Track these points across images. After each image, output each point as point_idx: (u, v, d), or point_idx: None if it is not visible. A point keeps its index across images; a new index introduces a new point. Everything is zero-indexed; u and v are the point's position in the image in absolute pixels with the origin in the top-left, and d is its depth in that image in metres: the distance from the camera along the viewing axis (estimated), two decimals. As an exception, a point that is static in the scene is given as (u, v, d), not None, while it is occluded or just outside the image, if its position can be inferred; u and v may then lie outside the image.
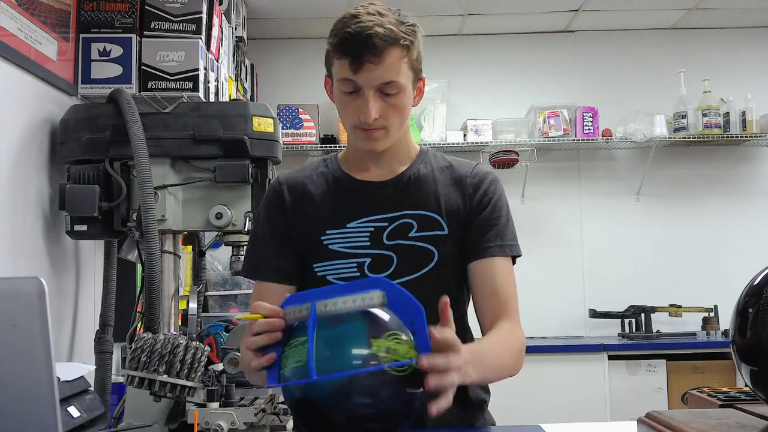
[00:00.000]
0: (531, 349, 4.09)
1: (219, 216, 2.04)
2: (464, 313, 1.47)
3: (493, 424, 1.49)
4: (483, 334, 1.41)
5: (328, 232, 1.41)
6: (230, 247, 2.20)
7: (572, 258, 4.38)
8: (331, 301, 1.09)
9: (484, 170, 1.48)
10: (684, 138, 4.20)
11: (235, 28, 3.40)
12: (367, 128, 1.35)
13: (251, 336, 1.15)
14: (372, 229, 1.40)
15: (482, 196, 1.44)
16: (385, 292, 1.10)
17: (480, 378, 1.25)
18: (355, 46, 1.29)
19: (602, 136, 4.22)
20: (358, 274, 1.39)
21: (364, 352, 1.07)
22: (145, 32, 2.31)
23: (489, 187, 1.45)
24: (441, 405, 1.07)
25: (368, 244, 1.40)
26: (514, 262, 1.46)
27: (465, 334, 1.46)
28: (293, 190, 1.46)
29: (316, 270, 1.42)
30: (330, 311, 1.09)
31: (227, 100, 2.93)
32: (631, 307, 4.16)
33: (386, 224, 1.40)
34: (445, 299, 1.13)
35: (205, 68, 2.40)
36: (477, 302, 1.44)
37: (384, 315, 1.11)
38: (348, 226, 1.41)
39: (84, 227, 2.05)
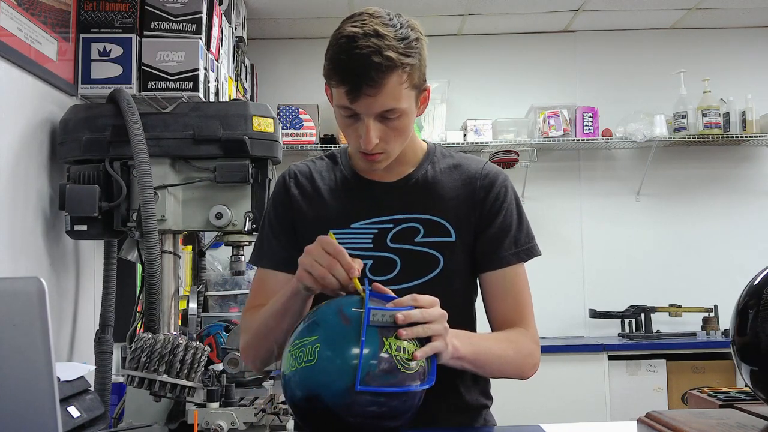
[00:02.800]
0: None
1: (219, 216, 2.04)
2: (471, 319, 1.44)
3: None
4: None
5: (332, 231, 1.39)
6: (230, 247, 2.20)
7: (572, 258, 4.38)
8: (380, 312, 1.11)
9: (494, 171, 1.43)
10: (684, 138, 4.21)
11: (235, 28, 3.40)
12: (368, 153, 1.31)
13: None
14: (376, 230, 1.38)
15: (493, 200, 1.39)
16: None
17: (473, 358, 1.23)
18: (350, 76, 1.22)
19: (602, 136, 4.22)
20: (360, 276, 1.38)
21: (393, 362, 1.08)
22: (145, 32, 2.31)
23: (500, 189, 1.40)
24: (425, 350, 1.10)
25: (371, 246, 1.37)
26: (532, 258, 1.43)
27: None
28: (301, 184, 1.44)
29: None
30: (378, 321, 1.10)
31: (227, 100, 2.93)
32: (631, 307, 4.16)
33: (391, 226, 1.37)
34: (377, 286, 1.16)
35: (205, 68, 2.40)
36: (490, 311, 1.41)
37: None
38: (353, 226, 1.39)
39: (84, 227, 2.04)
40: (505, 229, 1.39)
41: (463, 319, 1.36)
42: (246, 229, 2.05)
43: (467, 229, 1.38)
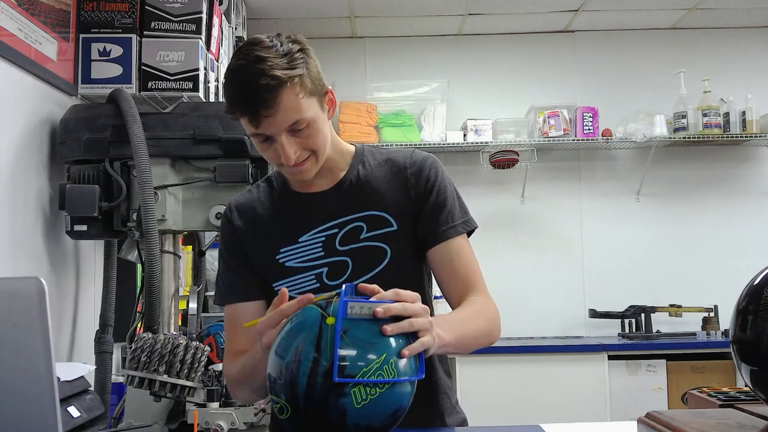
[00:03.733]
0: (531, 349, 4.11)
1: (219, 216, 2.04)
2: (428, 302, 1.47)
3: (464, 419, 1.49)
4: None
5: (281, 249, 1.43)
6: (230, 247, 2.20)
7: (572, 258, 4.38)
8: (358, 305, 1.09)
9: (421, 156, 1.48)
10: (684, 138, 4.20)
11: (235, 28, 3.40)
12: (294, 165, 1.35)
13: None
14: (324, 238, 1.42)
15: (424, 182, 1.44)
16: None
17: (456, 342, 1.25)
18: (245, 104, 1.28)
19: (602, 136, 4.22)
20: (318, 285, 1.40)
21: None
22: (145, 32, 2.31)
23: (429, 172, 1.45)
24: (413, 347, 1.09)
25: (322, 253, 1.42)
26: (469, 235, 1.47)
27: None
28: (243, 215, 1.49)
29: (275, 287, 1.43)
30: (356, 314, 1.09)
31: (227, 100, 2.92)
32: (631, 307, 4.16)
33: (337, 230, 1.42)
34: (370, 287, 1.16)
35: (205, 68, 2.40)
36: (442, 287, 1.46)
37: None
38: (300, 240, 1.43)
39: (84, 227, 2.05)
40: (440, 206, 1.44)
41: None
42: (246, 229, 2.05)
43: (406, 216, 1.43)
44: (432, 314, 1.35)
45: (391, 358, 1.07)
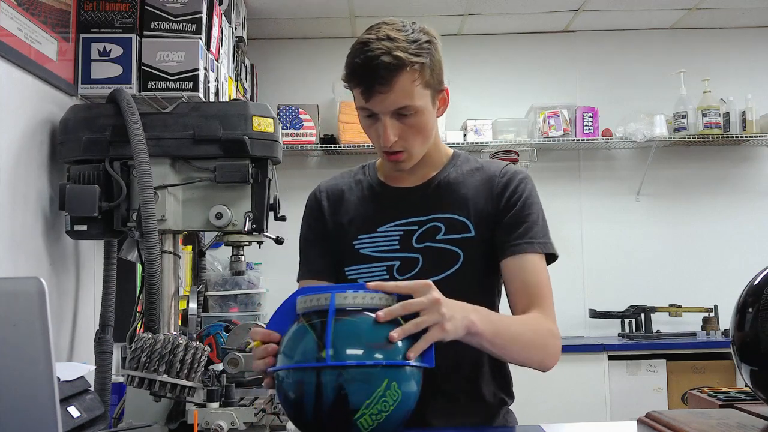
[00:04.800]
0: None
1: (219, 216, 2.04)
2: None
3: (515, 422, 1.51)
4: None
5: (360, 237, 1.46)
6: (230, 247, 2.20)
7: (572, 258, 4.38)
8: (351, 294, 1.08)
9: (514, 169, 1.49)
10: (684, 138, 4.21)
11: (235, 28, 3.40)
12: (390, 152, 1.38)
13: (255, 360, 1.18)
14: (402, 232, 1.44)
15: (511, 194, 1.44)
16: (396, 297, 1.12)
17: (491, 336, 1.22)
18: (363, 77, 1.32)
19: (602, 136, 4.22)
20: (387, 276, 1.42)
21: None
22: (145, 32, 2.30)
23: (518, 185, 1.45)
24: (417, 347, 1.07)
25: (398, 247, 1.43)
26: (550, 262, 1.44)
27: None
28: (331, 198, 1.53)
29: (347, 273, 1.46)
30: (348, 304, 1.08)
31: (227, 100, 2.93)
32: (631, 307, 4.16)
33: (416, 228, 1.43)
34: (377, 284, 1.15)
35: (205, 68, 2.40)
36: (509, 299, 1.43)
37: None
38: (379, 230, 1.45)
39: (84, 227, 2.04)
40: (522, 219, 1.42)
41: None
42: (246, 229, 2.05)
43: (486, 224, 1.43)
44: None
45: (393, 381, 1.04)
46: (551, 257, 1.44)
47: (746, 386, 1.10)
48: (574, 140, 4.20)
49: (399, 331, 1.06)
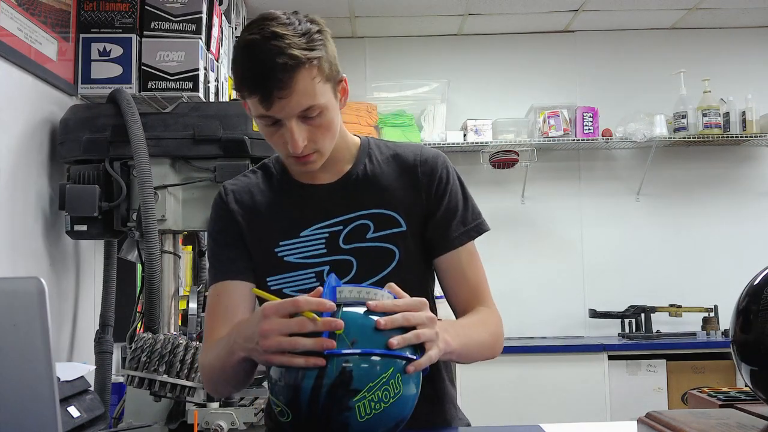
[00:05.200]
0: (531, 349, 4.11)
1: (219, 216, 2.04)
2: (431, 304, 1.41)
3: (468, 423, 1.47)
4: None
5: (281, 243, 1.35)
6: (230, 247, 2.20)
7: (572, 258, 4.38)
8: (356, 289, 1.07)
9: (432, 154, 1.41)
10: (684, 138, 4.20)
11: (235, 28, 3.41)
12: (299, 156, 1.27)
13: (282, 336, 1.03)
14: (327, 234, 1.34)
15: (437, 184, 1.37)
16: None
17: (461, 350, 1.20)
18: (258, 83, 1.19)
19: (602, 136, 4.22)
20: (318, 283, 1.32)
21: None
22: (145, 32, 2.31)
23: (441, 172, 1.38)
24: (420, 363, 1.06)
25: (324, 251, 1.34)
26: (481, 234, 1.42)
27: None
28: (240, 199, 1.39)
29: (270, 283, 1.35)
30: (353, 298, 1.06)
31: (227, 100, 2.93)
32: (631, 307, 4.16)
33: (341, 227, 1.34)
34: (389, 284, 1.13)
35: (205, 68, 2.40)
36: (448, 294, 1.41)
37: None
38: (302, 235, 1.35)
39: (84, 227, 2.04)
40: (452, 210, 1.38)
41: None
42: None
43: (416, 217, 1.36)
44: (435, 314, 1.32)
45: (397, 372, 1.04)
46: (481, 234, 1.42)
47: (746, 386, 1.09)
48: (574, 140, 4.20)
49: (400, 339, 1.04)
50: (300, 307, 1.03)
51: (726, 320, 3.90)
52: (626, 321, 4.15)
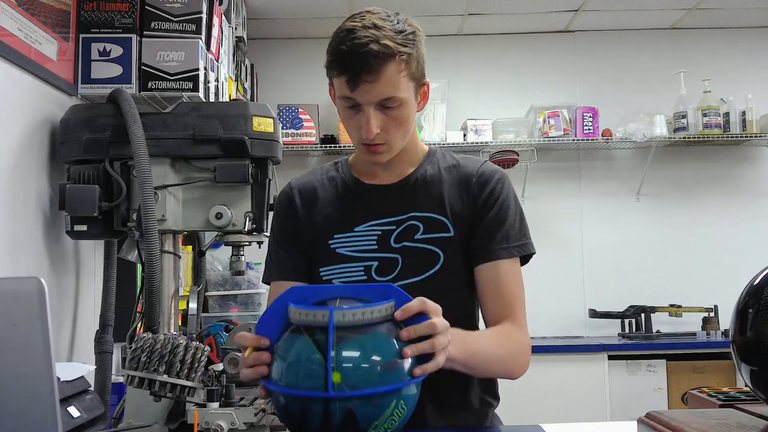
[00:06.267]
0: (531, 350, 4.11)
1: (219, 216, 2.04)
2: (471, 314, 1.45)
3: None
4: None
5: (336, 236, 1.41)
6: (230, 247, 2.20)
7: (572, 258, 4.38)
8: (350, 311, 1.04)
9: (491, 169, 1.45)
10: (684, 138, 4.21)
11: (235, 28, 3.40)
12: (370, 144, 1.34)
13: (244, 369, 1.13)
14: (379, 232, 1.40)
15: (488, 196, 1.41)
16: (395, 301, 1.09)
17: (464, 359, 1.21)
18: (350, 65, 1.27)
19: (602, 136, 4.22)
20: (365, 277, 1.38)
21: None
22: (145, 32, 2.30)
23: (495, 186, 1.42)
24: (428, 367, 1.06)
25: (375, 247, 1.39)
26: (526, 261, 1.44)
27: None
28: (304, 195, 1.47)
29: (322, 274, 1.41)
30: (348, 321, 1.03)
31: (227, 100, 2.93)
32: (631, 307, 4.16)
33: (394, 227, 1.40)
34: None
35: (205, 68, 2.40)
36: (482, 305, 1.43)
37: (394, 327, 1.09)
38: (356, 229, 1.41)
39: (84, 227, 2.04)
40: (498, 223, 1.40)
41: (463, 315, 1.37)
42: (246, 229, 2.05)
43: (464, 224, 1.40)
44: (475, 328, 1.35)
45: (401, 399, 1.04)
46: (529, 255, 1.44)
47: (746, 386, 1.10)
48: (574, 140, 4.21)
49: (413, 349, 1.05)
50: (243, 344, 1.11)
51: (726, 320, 3.90)
52: (626, 321, 4.15)
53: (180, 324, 2.26)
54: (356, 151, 1.48)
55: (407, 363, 1.06)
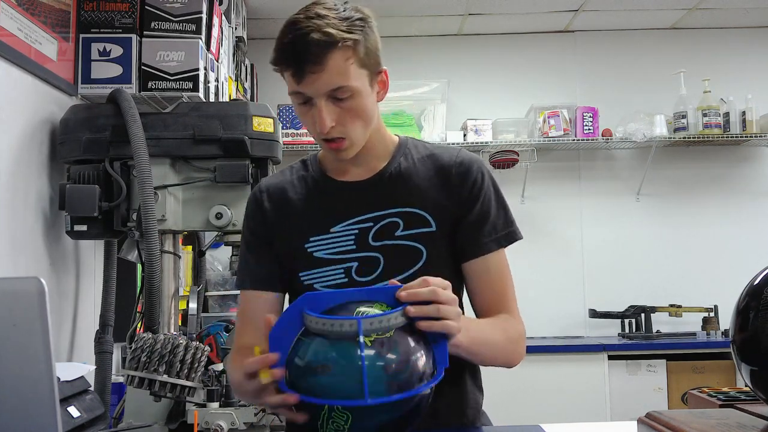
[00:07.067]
0: (531, 349, 4.08)
1: (219, 216, 2.04)
2: (458, 307, 1.45)
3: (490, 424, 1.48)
4: None
5: (311, 239, 1.36)
6: (230, 247, 2.20)
7: (572, 258, 4.38)
8: (377, 319, 1.05)
9: (468, 157, 1.41)
10: (684, 138, 4.20)
11: (235, 28, 3.40)
12: (329, 140, 1.29)
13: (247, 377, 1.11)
14: (357, 231, 1.35)
15: (470, 187, 1.37)
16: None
17: (468, 344, 1.20)
18: (293, 56, 1.24)
19: (602, 136, 4.22)
20: (346, 279, 1.34)
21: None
22: (145, 32, 2.31)
23: (477, 176, 1.38)
24: (435, 325, 1.07)
25: (354, 247, 1.35)
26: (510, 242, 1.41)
27: None
28: (274, 198, 1.42)
29: (302, 278, 1.37)
30: (375, 329, 1.04)
31: (227, 100, 2.93)
32: (631, 307, 4.16)
33: (371, 224, 1.35)
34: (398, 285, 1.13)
35: (205, 68, 2.40)
36: (473, 300, 1.41)
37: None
38: (332, 230, 1.36)
39: (84, 227, 2.04)
40: (484, 216, 1.37)
41: None
42: (246, 229, 2.05)
43: (446, 219, 1.36)
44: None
45: (415, 405, 1.07)
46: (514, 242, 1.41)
47: (746, 386, 1.10)
48: (574, 140, 4.20)
49: (418, 310, 1.06)
50: (251, 370, 1.09)
51: (726, 320, 3.90)
52: (626, 321, 4.15)
53: (180, 324, 2.26)
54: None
55: (428, 365, 1.07)
